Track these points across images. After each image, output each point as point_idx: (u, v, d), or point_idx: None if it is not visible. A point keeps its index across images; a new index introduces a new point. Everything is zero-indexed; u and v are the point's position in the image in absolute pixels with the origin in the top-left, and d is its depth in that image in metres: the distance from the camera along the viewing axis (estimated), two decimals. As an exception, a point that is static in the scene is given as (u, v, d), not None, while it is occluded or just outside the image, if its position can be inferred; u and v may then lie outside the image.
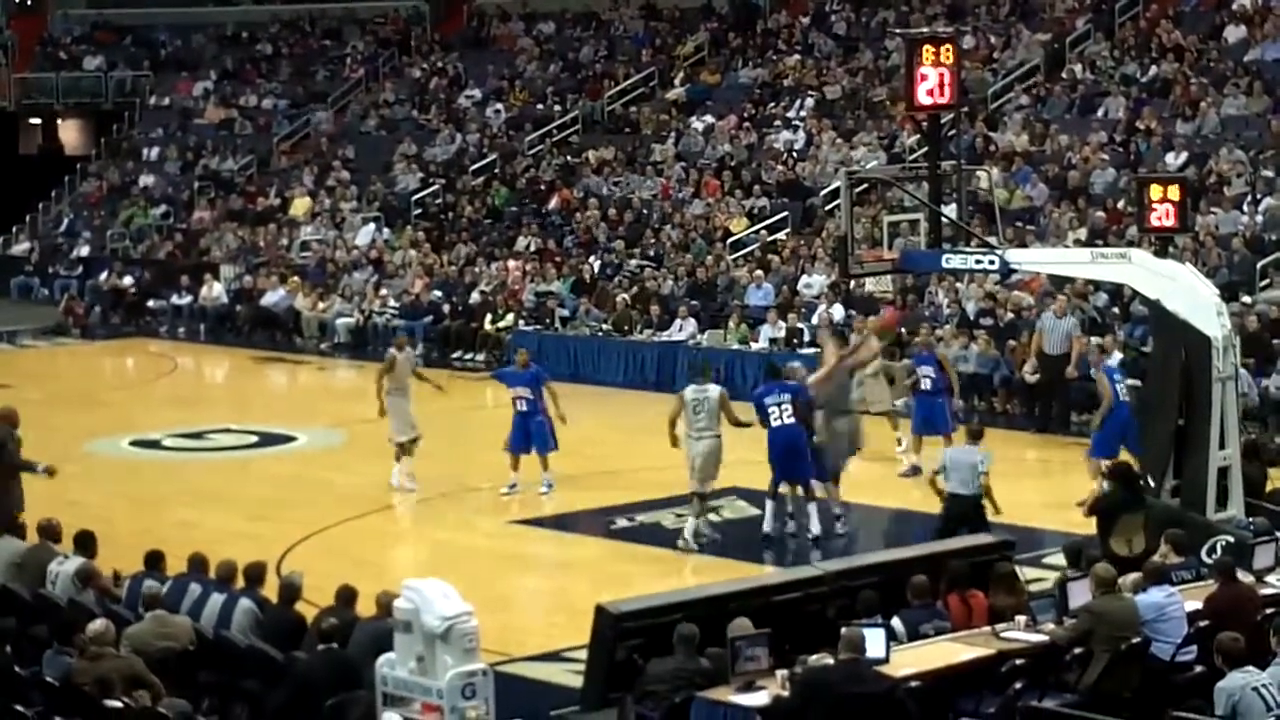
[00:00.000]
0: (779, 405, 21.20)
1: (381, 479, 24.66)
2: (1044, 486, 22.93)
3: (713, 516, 22.57)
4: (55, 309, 43.36)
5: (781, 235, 37.16)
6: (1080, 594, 14.28)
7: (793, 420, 21.13)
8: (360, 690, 12.81)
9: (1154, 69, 38.14)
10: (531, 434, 23.66)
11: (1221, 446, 18.34)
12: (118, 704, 12.47)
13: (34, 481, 24.64)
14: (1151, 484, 18.30)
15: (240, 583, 15.19)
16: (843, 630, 12.93)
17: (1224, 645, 12.63)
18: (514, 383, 24.15)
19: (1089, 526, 18.22)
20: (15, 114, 54.81)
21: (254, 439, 28.47)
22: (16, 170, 52.41)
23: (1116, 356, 24.73)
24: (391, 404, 24.15)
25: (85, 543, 16.18)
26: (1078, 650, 13.84)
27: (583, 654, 14.79)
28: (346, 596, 14.57)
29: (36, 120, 56.35)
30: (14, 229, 49.55)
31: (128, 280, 43.58)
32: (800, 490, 21.47)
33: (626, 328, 33.96)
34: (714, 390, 21.52)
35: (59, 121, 56.66)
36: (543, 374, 24.52)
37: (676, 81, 45.76)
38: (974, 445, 19.67)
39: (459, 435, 27.85)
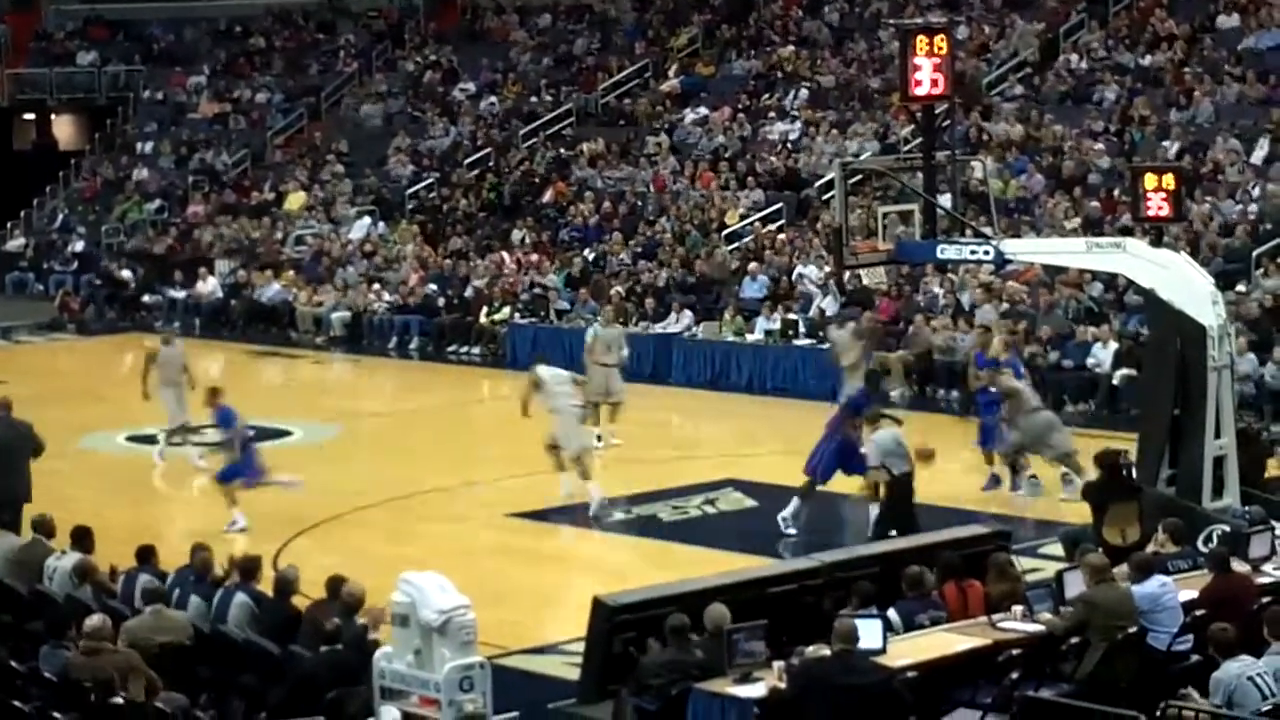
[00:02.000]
0: None
1: (374, 473, 24.68)
2: (1040, 477, 22.92)
3: (708, 508, 22.62)
4: (50, 304, 43.34)
5: (776, 226, 37.15)
6: (1077, 584, 14.27)
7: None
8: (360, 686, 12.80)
9: (1148, 58, 38.17)
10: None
11: (1217, 436, 18.36)
12: (118, 699, 12.48)
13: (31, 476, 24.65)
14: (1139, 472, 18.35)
15: (233, 578, 15.15)
16: (836, 622, 12.93)
17: (1214, 636, 12.68)
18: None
19: (1086, 516, 18.22)
20: (9, 109, 54.75)
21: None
22: (11, 166, 52.37)
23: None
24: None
25: (82, 538, 16.19)
26: (1074, 640, 13.84)
27: (580, 647, 14.78)
28: (338, 590, 14.52)
29: (30, 116, 56.27)
30: (9, 225, 49.55)
31: (127, 273, 43.59)
32: None
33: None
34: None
35: (53, 117, 56.59)
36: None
37: (670, 73, 45.77)
38: (888, 428, 19.91)
39: (455, 429, 27.86)
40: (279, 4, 56.46)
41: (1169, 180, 19.18)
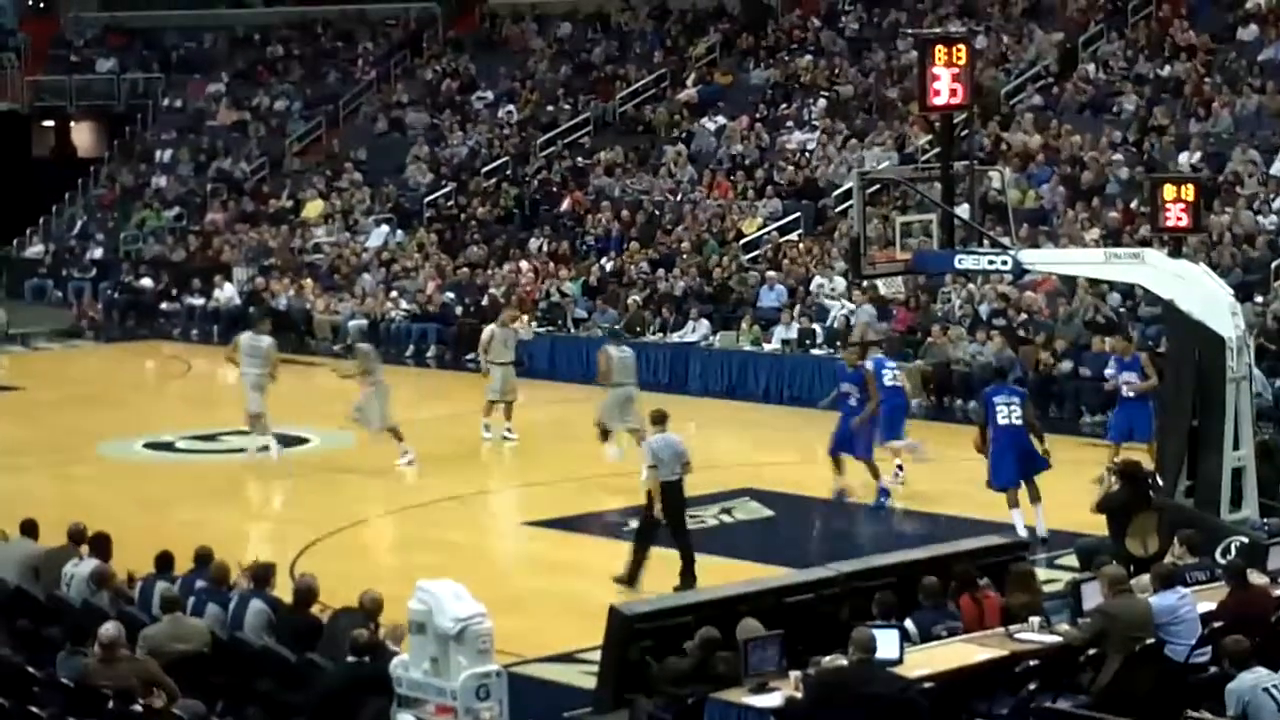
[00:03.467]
0: (1008, 405, 21.28)
1: (391, 481, 24.67)
2: (1056, 487, 22.86)
3: (725, 517, 22.60)
4: (69, 311, 43.42)
5: (794, 236, 37.14)
6: (1094, 595, 14.25)
7: (1020, 422, 21.17)
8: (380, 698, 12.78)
9: (1167, 68, 38.10)
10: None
11: (1235, 447, 18.32)
12: (136, 707, 12.48)
13: (46, 483, 24.73)
14: (1162, 483, 18.30)
15: (246, 584, 15.16)
16: (853, 632, 12.92)
17: (1229, 647, 12.65)
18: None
19: (1101, 527, 18.18)
20: (28, 117, 54.80)
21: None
22: (29, 173, 52.46)
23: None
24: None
25: (100, 545, 16.20)
26: (1092, 651, 13.82)
27: (596, 655, 14.78)
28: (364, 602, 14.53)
29: (49, 123, 56.35)
30: (27, 232, 49.62)
31: (146, 280, 43.67)
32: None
33: (639, 329, 33.95)
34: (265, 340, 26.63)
35: (71, 124, 56.66)
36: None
37: (688, 82, 45.73)
38: (668, 432, 19.56)
39: (472, 436, 27.85)
40: (298, 12, 56.54)
41: (1188, 191, 19.16)
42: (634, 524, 21.93)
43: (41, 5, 58.80)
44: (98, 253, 47.08)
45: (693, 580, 18.91)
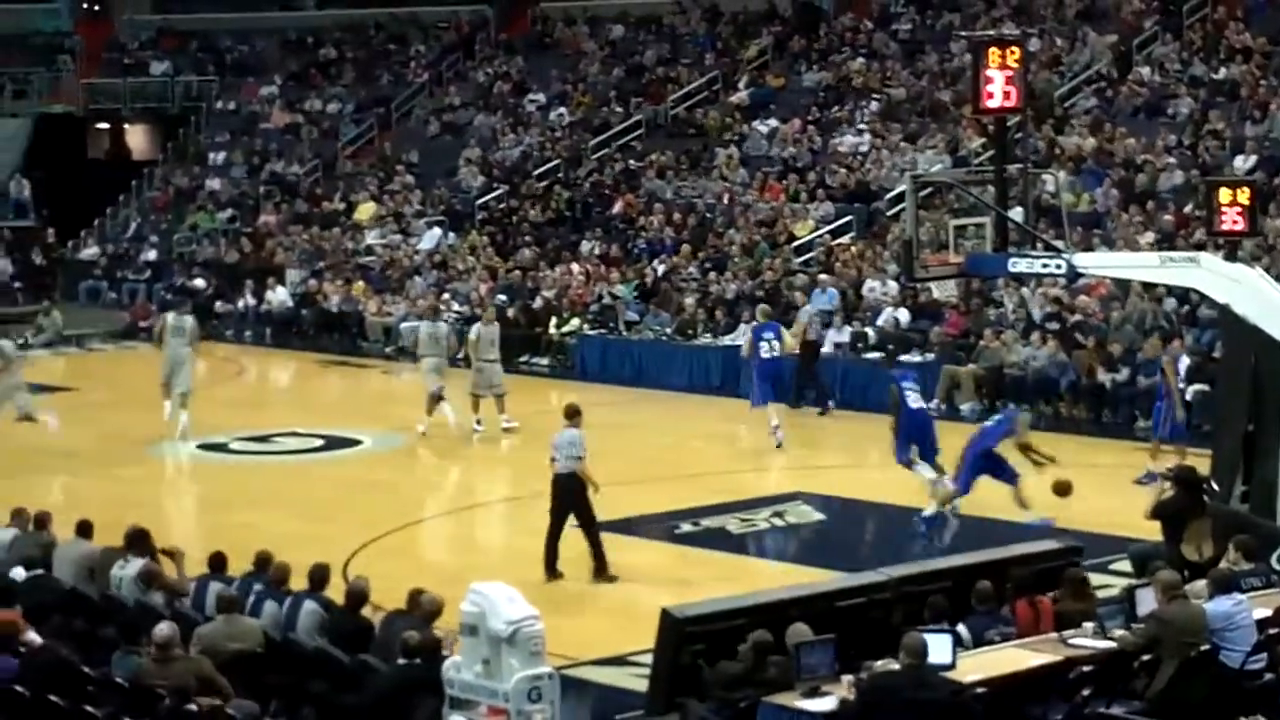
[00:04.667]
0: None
1: (442, 482, 24.69)
2: (1110, 492, 22.79)
3: (776, 521, 22.57)
4: (123, 313, 43.61)
5: (845, 239, 37.07)
6: (1148, 601, 14.17)
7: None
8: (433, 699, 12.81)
9: (1223, 70, 37.91)
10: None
11: (1291, 452, 18.20)
12: (191, 706, 12.53)
13: (100, 484, 24.86)
14: (1217, 488, 18.19)
15: (300, 584, 15.22)
16: (904, 636, 12.88)
17: (1280, 654, 12.59)
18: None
19: (1156, 532, 18.11)
20: (83, 119, 55.12)
21: (319, 442, 28.56)
22: (84, 175, 52.72)
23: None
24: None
25: (138, 541, 16.17)
26: (1146, 657, 13.75)
27: (648, 658, 14.77)
28: (418, 603, 14.55)
29: (104, 125, 56.68)
30: (82, 233, 49.90)
31: (200, 282, 43.85)
32: None
33: (691, 332, 33.92)
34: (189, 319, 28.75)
35: (126, 126, 56.98)
36: None
37: (740, 85, 45.73)
38: (573, 427, 20.11)
39: (523, 439, 27.87)
40: (350, 15, 56.71)
41: (1243, 194, 19.05)
42: (686, 527, 21.99)
43: (96, 8, 59.14)
44: (152, 254, 47.30)
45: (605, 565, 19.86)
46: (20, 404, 27.31)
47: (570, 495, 19.86)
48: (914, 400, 23.29)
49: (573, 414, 20.35)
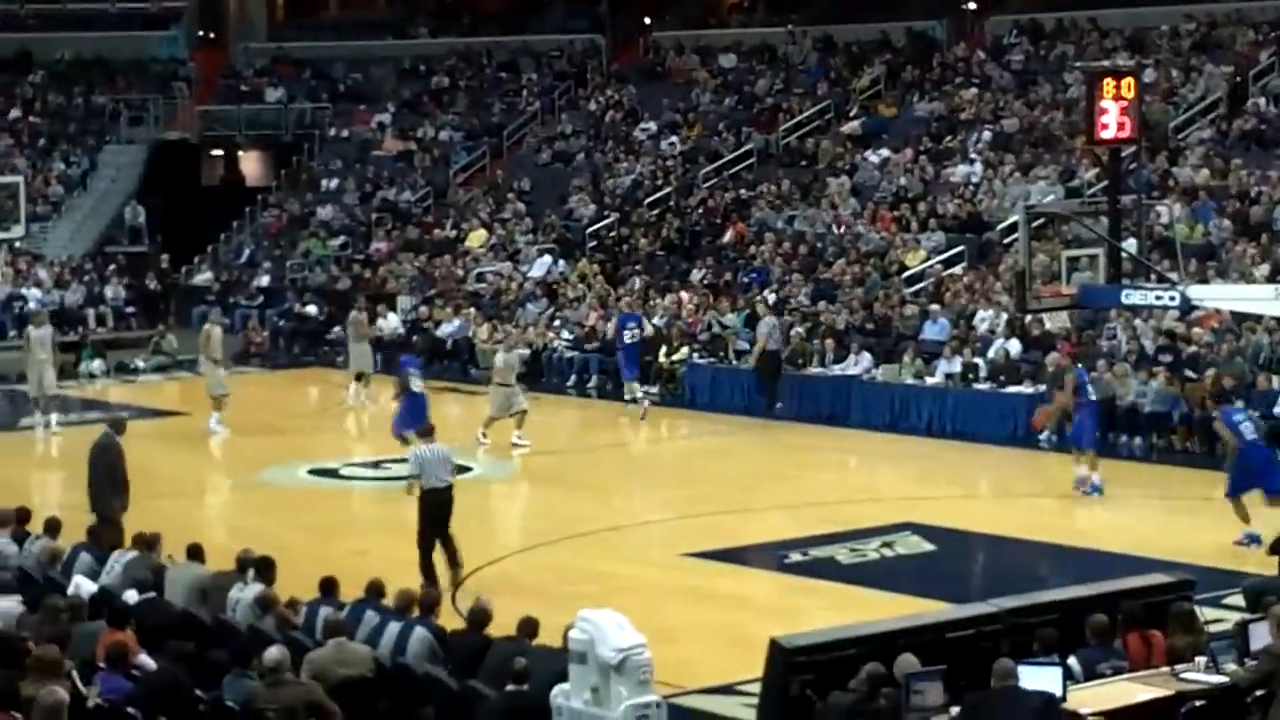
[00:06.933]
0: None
1: (551, 510, 24.73)
2: (1224, 526, 22.55)
3: (885, 551, 22.49)
4: (236, 338, 43.96)
5: (957, 270, 36.92)
6: (1262, 636, 14.03)
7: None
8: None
9: (1338, 101, 37.59)
10: None
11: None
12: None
13: (211, 509, 25.07)
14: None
15: (416, 612, 15.31)
16: (995, 662, 12.85)
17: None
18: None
19: (1271, 567, 17.93)
20: (198, 146, 55.69)
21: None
22: (199, 201, 53.22)
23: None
24: None
25: (264, 568, 16.39)
26: (1259, 693, 13.60)
27: (756, 688, 14.73)
28: (529, 629, 14.61)
29: (219, 151, 57.25)
30: (196, 259, 50.34)
31: (312, 308, 44.18)
32: None
33: (801, 361, 33.86)
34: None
35: (240, 153, 57.54)
36: None
37: (852, 114, 45.67)
38: (435, 443, 21.30)
39: (633, 467, 27.92)
40: (463, 44, 57.05)
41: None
42: (795, 556, 21.94)
43: (212, 36, 59.76)
44: (264, 280, 47.65)
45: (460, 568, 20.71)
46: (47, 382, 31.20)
47: (446, 508, 20.88)
48: (1249, 433, 22.58)
49: (428, 432, 21.81)
